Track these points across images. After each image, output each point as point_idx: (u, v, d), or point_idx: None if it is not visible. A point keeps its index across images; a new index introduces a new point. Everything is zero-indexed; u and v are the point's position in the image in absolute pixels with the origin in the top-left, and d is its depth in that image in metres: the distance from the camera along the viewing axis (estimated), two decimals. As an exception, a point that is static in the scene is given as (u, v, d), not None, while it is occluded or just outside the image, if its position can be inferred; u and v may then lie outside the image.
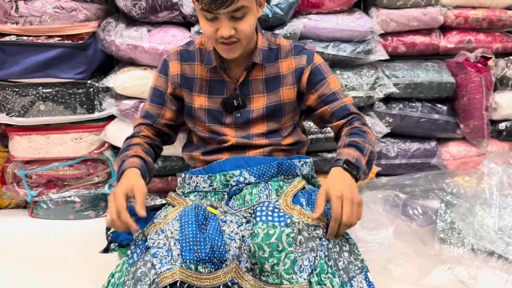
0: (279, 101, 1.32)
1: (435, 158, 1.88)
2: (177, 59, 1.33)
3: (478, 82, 1.79)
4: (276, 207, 1.11)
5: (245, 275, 1.05)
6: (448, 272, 1.31)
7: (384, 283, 1.28)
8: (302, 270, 1.00)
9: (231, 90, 1.30)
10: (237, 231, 1.11)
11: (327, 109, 1.31)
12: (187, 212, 1.13)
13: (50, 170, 1.75)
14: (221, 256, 1.07)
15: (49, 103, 1.66)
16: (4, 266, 1.45)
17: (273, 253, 1.01)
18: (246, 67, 1.29)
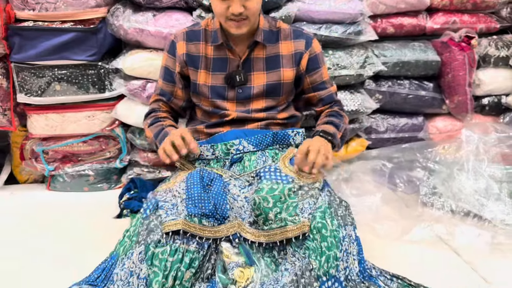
0: (279, 81, 1.46)
1: (422, 132, 2.01)
2: (183, 39, 1.46)
3: (462, 60, 1.92)
4: (278, 169, 1.27)
5: (248, 228, 1.20)
6: (428, 229, 1.46)
7: (370, 239, 1.42)
8: (304, 211, 1.17)
9: (233, 67, 1.44)
10: (239, 193, 1.27)
11: (316, 95, 1.50)
12: (193, 175, 1.28)
13: (65, 146, 1.89)
14: (224, 213, 1.22)
15: (64, 84, 1.79)
16: (26, 235, 1.56)
17: (277, 203, 1.17)
18: (249, 45, 1.42)
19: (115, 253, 1.26)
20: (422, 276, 1.25)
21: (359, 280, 1.17)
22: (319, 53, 1.49)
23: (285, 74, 1.45)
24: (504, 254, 1.37)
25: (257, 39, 1.40)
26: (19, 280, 1.30)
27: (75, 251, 1.43)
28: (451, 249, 1.41)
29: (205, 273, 1.20)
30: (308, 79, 1.48)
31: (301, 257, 1.14)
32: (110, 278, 1.19)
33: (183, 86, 1.52)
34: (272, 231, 1.17)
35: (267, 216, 1.17)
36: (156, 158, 1.91)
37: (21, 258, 1.41)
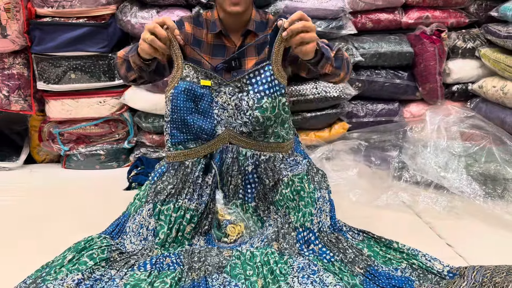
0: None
1: (397, 116, 2.24)
2: (190, 22, 1.60)
3: (432, 51, 2.14)
4: (272, 75, 1.36)
5: (240, 137, 1.40)
6: (393, 196, 1.68)
7: (343, 205, 1.63)
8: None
9: (230, 53, 1.65)
10: (229, 101, 1.42)
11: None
12: (178, 95, 1.36)
13: (79, 128, 2.12)
14: (211, 131, 1.40)
15: (78, 73, 2.01)
16: (44, 208, 1.70)
17: (277, 120, 1.38)
18: (242, 34, 1.62)
19: (127, 212, 1.48)
20: (386, 234, 1.41)
21: (329, 232, 1.39)
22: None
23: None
24: (458, 216, 1.58)
25: (249, 28, 1.59)
26: (42, 242, 1.43)
27: (90, 218, 1.59)
28: (414, 213, 1.63)
29: (203, 228, 1.43)
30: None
31: (282, 214, 1.38)
32: (123, 231, 1.42)
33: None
34: (267, 144, 1.41)
35: (267, 131, 1.39)
36: (160, 139, 2.14)
37: (43, 224, 1.57)
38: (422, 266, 1.23)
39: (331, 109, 2.14)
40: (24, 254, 1.35)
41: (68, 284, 1.01)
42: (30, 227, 1.56)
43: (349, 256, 1.27)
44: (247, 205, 1.47)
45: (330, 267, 1.21)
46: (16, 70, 2.00)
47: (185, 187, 1.42)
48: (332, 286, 1.02)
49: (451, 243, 1.42)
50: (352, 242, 1.36)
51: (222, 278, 1.13)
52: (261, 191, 1.45)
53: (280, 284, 1.08)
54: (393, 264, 1.25)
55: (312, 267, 1.13)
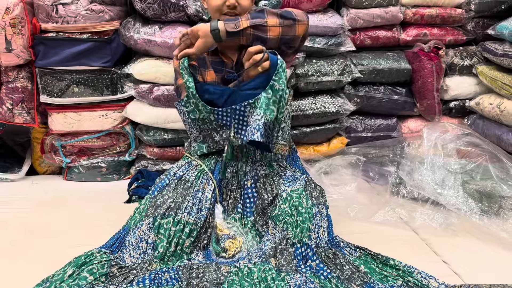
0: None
1: (395, 131, 2.27)
2: None
3: (430, 68, 2.17)
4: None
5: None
6: (391, 212, 1.70)
7: (341, 220, 1.66)
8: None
9: (228, 68, 1.68)
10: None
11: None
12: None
13: (81, 141, 2.14)
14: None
15: (81, 86, 2.05)
16: (45, 220, 1.71)
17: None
18: (237, 49, 1.66)
19: (127, 225, 1.49)
20: (383, 250, 1.43)
21: (327, 247, 1.41)
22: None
23: None
24: (454, 232, 1.60)
25: (243, 43, 1.63)
26: (42, 254, 1.44)
27: (90, 230, 1.60)
28: (410, 229, 1.65)
29: (202, 243, 1.44)
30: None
31: (280, 229, 1.40)
32: (123, 244, 1.43)
33: None
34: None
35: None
36: (160, 152, 2.17)
37: (43, 236, 1.58)
38: (417, 283, 1.25)
39: (329, 124, 2.17)
40: (25, 267, 1.37)
41: (68, 299, 1.03)
42: (31, 239, 1.57)
43: (346, 272, 1.29)
44: (245, 219, 1.49)
45: (327, 284, 1.23)
46: (20, 84, 2.03)
47: (185, 201, 1.44)
48: (328, 304, 1.04)
49: (447, 260, 1.44)
50: (349, 259, 1.37)
51: None
52: (260, 206, 1.47)
53: (277, 301, 1.10)
54: (389, 281, 1.27)
55: (309, 284, 1.15)
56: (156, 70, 2.03)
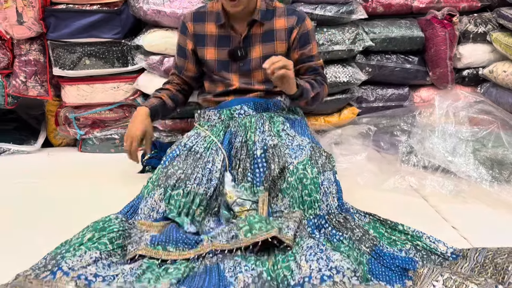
0: (273, 53, 1.70)
1: (407, 101, 2.25)
2: (191, 20, 1.72)
3: (443, 36, 2.14)
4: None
5: (223, 245, 1.21)
6: (401, 180, 1.71)
7: (351, 188, 1.66)
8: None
9: (235, 43, 1.69)
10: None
11: (303, 66, 1.73)
12: (170, 229, 1.30)
13: (94, 113, 2.16)
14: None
15: (93, 59, 2.06)
16: (62, 189, 1.76)
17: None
18: (248, 24, 1.67)
19: (141, 194, 1.53)
20: (393, 216, 1.45)
21: (337, 212, 1.43)
22: (310, 30, 1.72)
23: (278, 46, 1.69)
24: (464, 199, 1.61)
25: (255, 18, 1.64)
26: (60, 221, 1.48)
27: (106, 199, 1.64)
28: (420, 196, 1.66)
29: (213, 210, 1.47)
30: (298, 52, 1.71)
31: (287, 204, 1.42)
32: (136, 212, 1.48)
33: (194, 61, 1.78)
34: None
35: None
36: (172, 124, 2.19)
37: (61, 204, 1.63)
38: (426, 247, 1.27)
39: (341, 94, 2.16)
40: (43, 233, 1.41)
41: (86, 260, 1.07)
42: (49, 207, 1.63)
43: (357, 234, 1.31)
44: (255, 188, 1.51)
45: (340, 245, 1.25)
46: (32, 56, 2.05)
47: (194, 172, 1.47)
48: (338, 262, 1.07)
49: (456, 226, 1.45)
50: (359, 223, 1.39)
51: (233, 261, 1.17)
52: (269, 176, 1.49)
53: (290, 263, 1.13)
54: (398, 245, 1.29)
55: (320, 246, 1.18)
56: (166, 41, 2.02)
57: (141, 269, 1.09)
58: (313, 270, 1.07)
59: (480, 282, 0.98)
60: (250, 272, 1.11)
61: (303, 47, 1.71)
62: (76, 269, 1.02)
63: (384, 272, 1.17)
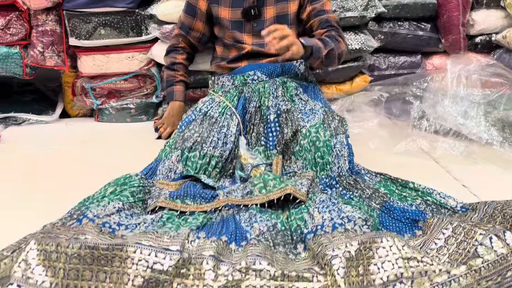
0: (286, 12, 1.72)
1: (419, 69, 2.25)
2: None
3: (456, 2, 2.12)
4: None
5: (238, 200, 1.25)
6: (412, 143, 1.73)
7: (363, 152, 1.68)
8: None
9: (249, 2, 1.71)
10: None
11: (316, 21, 1.72)
12: (187, 185, 1.34)
13: (110, 83, 2.22)
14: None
15: (108, 28, 2.09)
16: (82, 155, 1.82)
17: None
18: None
19: (158, 157, 1.58)
20: (403, 177, 1.45)
21: (348, 175, 1.47)
22: None
23: (291, 6, 1.71)
24: (475, 161, 1.63)
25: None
26: (81, 184, 1.49)
27: (124, 164, 1.63)
28: (431, 158, 1.68)
29: (228, 172, 1.52)
30: (310, 7, 1.71)
31: (300, 166, 1.45)
32: (154, 173, 1.53)
33: (204, 21, 1.80)
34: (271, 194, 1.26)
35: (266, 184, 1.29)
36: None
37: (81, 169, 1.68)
38: (436, 202, 1.30)
39: (352, 61, 2.17)
40: (66, 193, 1.47)
41: (109, 209, 1.13)
42: (70, 170, 1.68)
43: (367, 193, 1.34)
44: (269, 152, 1.55)
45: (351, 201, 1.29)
46: (49, 27, 2.09)
47: (210, 136, 1.51)
48: (350, 212, 1.10)
49: (466, 185, 1.48)
50: (369, 183, 1.43)
51: (249, 213, 1.22)
52: (282, 141, 1.52)
53: (303, 215, 1.17)
54: (408, 201, 1.32)
55: (332, 200, 1.22)
56: (179, 10, 2.02)
57: (162, 220, 1.14)
58: (325, 219, 1.11)
59: (488, 228, 1.01)
60: (265, 223, 1.15)
61: (315, 1, 1.71)
62: (101, 217, 1.08)
63: (394, 224, 1.20)
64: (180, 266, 0.94)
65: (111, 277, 0.92)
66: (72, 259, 0.94)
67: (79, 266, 0.93)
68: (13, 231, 1.13)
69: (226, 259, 0.99)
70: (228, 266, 0.96)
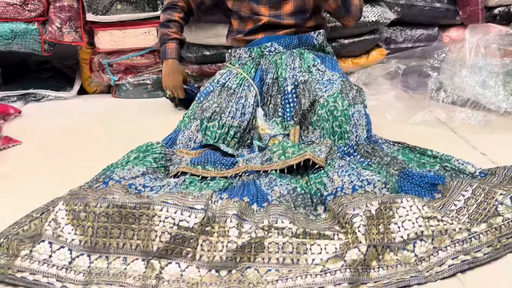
0: None
1: (436, 42, 2.23)
2: None
3: (474, -28, 2.09)
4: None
5: (257, 166, 1.29)
6: (429, 113, 1.73)
7: (380, 123, 1.67)
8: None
9: None
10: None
11: None
12: (207, 153, 1.38)
13: (126, 59, 2.24)
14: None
15: (124, 3, 2.10)
16: (101, 129, 1.86)
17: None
18: None
19: (178, 128, 1.61)
20: (422, 146, 1.50)
21: (366, 143, 1.47)
22: None
23: None
24: (493, 130, 1.62)
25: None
26: (102, 155, 1.50)
27: (144, 137, 1.61)
28: (449, 128, 1.68)
29: (246, 142, 1.55)
30: None
31: (318, 135, 1.47)
32: (174, 143, 1.55)
33: None
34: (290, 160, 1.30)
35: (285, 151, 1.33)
36: (201, 69, 2.23)
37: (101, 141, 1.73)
38: (454, 168, 1.30)
39: (369, 34, 2.16)
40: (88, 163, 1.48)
41: (134, 173, 1.16)
42: (90, 143, 1.72)
43: (385, 160, 1.35)
44: (286, 123, 1.56)
45: (369, 167, 1.30)
46: (66, 3, 2.11)
47: (228, 106, 1.53)
48: (369, 176, 1.12)
49: (485, 152, 1.48)
50: (387, 151, 1.43)
51: (269, 178, 1.24)
52: (299, 111, 1.53)
53: (323, 179, 1.19)
54: (427, 167, 1.32)
55: (351, 165, 1.23)
56: (195, -16, 2.05)
57: (185, 184, 1.17)
58: (345, 182, 1.13)
59: (509, 189, 1.02)
60: (285, 186, 1.17)
61: None
62: (127, 179, 1.11)
63: (413, 188, 1.21)
64: (205, 223, 0.96)
65: (139, 234, 0.95)
66: (100, 217, 0.97)
67: (107, 224, 0.97)
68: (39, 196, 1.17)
69: (248, 218, 1.01)
70: (251, 224, 0.98)
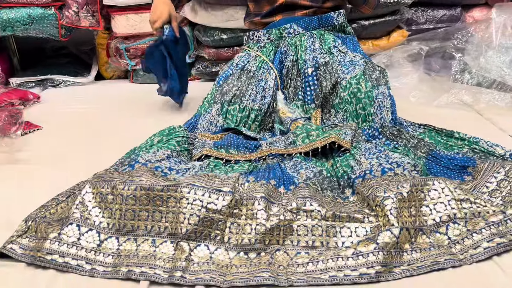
0: None
1: (459, 22, 2.17)
2: None
3: (501, -52, 2.02)
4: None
5: (281, 150, 1.27)
6: (454, 96, 1.69)
7: (403, 106, 1.64)
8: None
9: None
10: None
11: None
12: (230, 136, 1.38)
13: (143, 44, 2.22)
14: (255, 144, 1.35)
15: (140, -14, 2.10)
16: (120, 113, 1.87)
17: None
18: None
19: (198, 113, 1.59)
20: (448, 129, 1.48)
21: (391, 125, 1.44)
22: None
23: None
24: (521, 111, 1.59)
25: None
26: (122, 139, 1.52)
27: (159, 121, 1.69)
28: (475, 111, 1.64)
29: (267, 126, 1.53)
30: None
31: (341, 118, 1.44)
32: (195, 127, 1.54)
33: None
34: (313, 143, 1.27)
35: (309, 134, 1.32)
36: (218, 52, 2.21)
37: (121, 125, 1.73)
38: (483, 150, 1.27)
39: (390, 15, 2.10)
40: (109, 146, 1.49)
41: (159, 155, 1.15)
42: (110, 127, 1.72)
43: (412, 142, 1.33)
44: (307, 106, 1.53)
45: (396, 150, 1.28)
46: (83, -13, 2.10)
47: (248, 89, 1.51)
48: (398, 158, 1.10)
49: (513, 135, 1.44)
50: (414, 134, 1.41)
51: (294, 161, 1.22)
52: (320, 94, 1.50)
53: (349, 161, 1.17)
54: (455, 150, 1.30)
55: (378, 148, 1.21)
56: (212, -34, 2.02)
57: (210, 167, 1.16)
58: (373, 165, 1.11)
59: (544, 170, 0.99)
60: (310, 169, 1.15)
61: None
62: (153, 162, 1.10)
63: (442, 171, 1.19)
64: (233, 206, 0.95)
65: (167, 216, 0.95)
66: (128, 200, 0.96)
67: (135, 207, 0.96)
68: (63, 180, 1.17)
69: (276, 201, 1.00)
70: (279, 207, 0.97)
